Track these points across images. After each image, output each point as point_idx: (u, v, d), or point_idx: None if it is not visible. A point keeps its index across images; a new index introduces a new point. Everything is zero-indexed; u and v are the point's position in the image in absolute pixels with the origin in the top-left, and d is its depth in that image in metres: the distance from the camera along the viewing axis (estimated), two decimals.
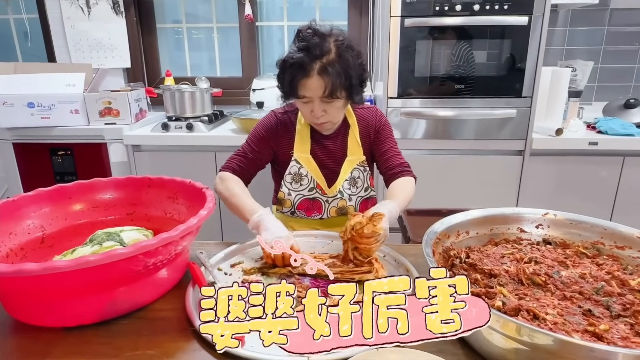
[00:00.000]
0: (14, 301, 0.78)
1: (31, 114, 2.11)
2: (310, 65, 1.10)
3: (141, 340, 0.75)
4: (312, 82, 1.12)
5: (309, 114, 1.19)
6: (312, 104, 1.16)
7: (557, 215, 0.99)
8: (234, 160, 1.27)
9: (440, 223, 0.92)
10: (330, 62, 1.11)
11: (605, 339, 0.63)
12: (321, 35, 1.12)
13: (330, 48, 1.12)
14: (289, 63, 1.13)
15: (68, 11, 2.55)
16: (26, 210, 0.97)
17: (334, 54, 1.12)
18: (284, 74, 1.16)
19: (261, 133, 1.29)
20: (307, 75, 1.11)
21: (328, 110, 1.17)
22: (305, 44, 1.11)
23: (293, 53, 1.13)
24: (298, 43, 1.14)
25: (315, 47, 1.10)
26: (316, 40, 1.11)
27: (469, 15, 1.89)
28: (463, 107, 2.00)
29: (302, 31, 1.15)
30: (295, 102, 1.22)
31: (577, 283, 0.78)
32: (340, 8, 2.66)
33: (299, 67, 1.11)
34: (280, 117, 1.31)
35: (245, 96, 2.63)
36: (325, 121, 1.21)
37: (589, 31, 2.51)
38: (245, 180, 1.26)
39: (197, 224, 0.82)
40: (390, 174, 1.27)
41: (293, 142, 1.29)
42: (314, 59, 1.10)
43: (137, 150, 2.17)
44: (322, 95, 1.13)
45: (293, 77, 1.13)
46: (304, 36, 1.13)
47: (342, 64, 1.11)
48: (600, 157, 2.04)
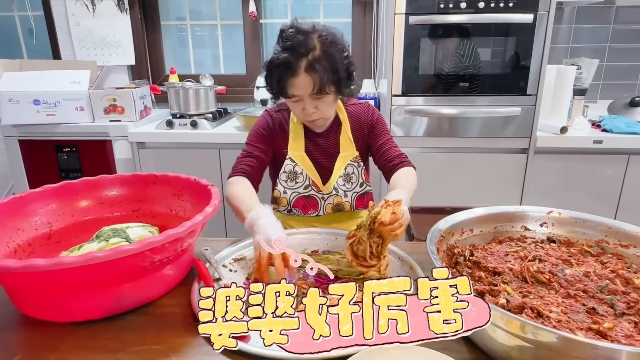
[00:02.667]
0: (22, 296, 0.79)
1: (37, 111, 2.13)
2: (297, 64, 1.10)
3: (148, 335, 0.76)
4: (300, 81, 1.12)
5: (300, 112, 1.20)
6: (303, 102, 1.16)
7: (561, 213, 0.99)
8: (242, 162, 1.26)
9: (445, 221, 0.92)
10: (316, 59, 1.11)
11: (609, 337, 0.63)
12: (304, 32, 1.12)
13: (315, 44, 1.11)
14: (275, 64, 1.13)
15: (73, 8, 2.56)
16: (33, 206, 0.98)
17: (319, 50, 1.11)
18: (271, 74, 1.16)
19: (260, 132, 1.30)
20: (295, 74, 1.11)
21: (319, 106, 1.18)
22: (289, 43, 1.11)
23: (278, 53, 1.13)
24: (282, 43, 1.13)
25: (299, 45, 1.10)
26: (300, 38, 1.11)
27: (473, 13, 1.88)
28: (467, 105, 1.99)
29: (285, 31, 1.14)
30: (286, 102, 1.22)
31: (581, 281, 0.78)
32: (344, 5, 2.66)
33: (286, 66, 1.11)
34: (275, 116, 1.32)
35: (249, 93, 2.64)
36: (317, 118, 1.21)
37: (595, 29, 2.50)
38: (257, 179, 1.26)
39: (203, 220, 0.83)
40: (390, 166, 1.27)
41: (287, 141, 1.30)
42: (299, 57, 1.10)
43: (142, 147, 2.18)
44: (312, 93, 1.13)
45: (280, 77, 1.13)
46: (287, 35, 1.13)
47: (328, 59, 1.12)
48: (605, 156, 2.03)
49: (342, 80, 1.16)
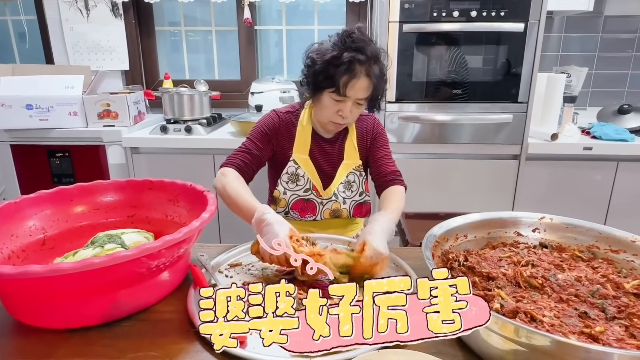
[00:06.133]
0: (17, 302, 0.79)
1: (29, 115, 2.11)
2: (362, 66, 1.14)
3: (144, 342, 0.76)
4: (361, 83, 1.15)
5: (333, 113, 1.21)
6: (344, 104, 1.18)
7: (553, 219, 1.00)
8: (238, 157, 1.26)
9: (440, 226, 0.93)
10: (376, 65, 1.16)
11: (601, 341, 0.64)
12: (369, 40, 1.17)
13: (378, 53, 1.17)
14: (337, 60, 1.14)
15: (67, 13, 2.55)
16: (28, 212, 0.97)
17: (378, 57, 1.17)
18: (328, 68, 1.15)
19: (264, 131, 1.30)
20: (356, 76, 1.14)
21: (353, 112, 1.21)
22: (357, 45, 1.14)
23: (339, 50, 1.14)
24: (349, 42, 1.15)
25: (367, 49, 1.14)
26: (368, 43, 1.15)
27: (465, 22, 1.91)
28: (460, 111, 2.02)
29: (352, 32, 1.16)
30: (321, 99, 1.21)
31: (573, 286, 0.79)
32: (338, 12, 2.68)
33: (350, 65, 1.13)
34: (282, 117, 1.32)
35: (244, 99, 2.64)
36: (345, 122, 1.23)
37: (584, 37, 2.55)
38: (248, 177, 1.26)
39: (199, 226, 0.83)
40: (382, 181, 1.30)
41: (293, 143, 1.31)
42: (365, 61, 1.14)
43: (136, 153, 2.17)
44: (362, 97, 1.18)
45: (339, 74, 1.14)
46: (356, 38, 1.15)
47: (382, 69, 1.18)
48: (595, 162, 2.07)
49: (383, 94, 1.24)
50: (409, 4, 1.89)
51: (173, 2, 2.67)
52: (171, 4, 2.70)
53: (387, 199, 1.23)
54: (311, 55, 1.20)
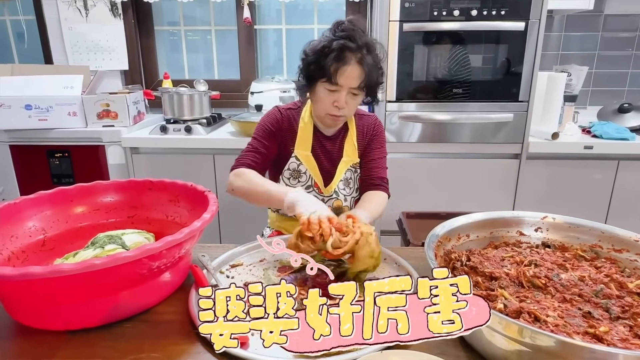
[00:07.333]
0: (17, 304, 0.78)
1: (28, 116, 2.10)
2: (352, 53, 1.14)
3: (145, 343, 0.75)
4: (352, 71, 1.15)
5: (329, 104, 1.20)
6: (339, 94, 1.18)
7: (555, 218, 1.00)
8: (248, 157, 1.26)
9: (442, 226, 0.92)
10: (368, 54, 1.16)
11: (605, 341, 0.64)
12: (360, 30, 1.17)
13: (369, 42, 1.16)
14: (327, 48, 1.14)
15: (66, 13, 2.54)
16: (27, 212, 0.96)
17: (371, 47, 1.17)
18: (319, 59, 1.16)
19: (268, 128, 1.30)
20: (347, 62, 1.14)
21: (349, 103, 1.20)
22: (347, 33, 1.14)
23: (330, 40, 1.15)
24: (338, 32, 1.16)
25: (357, 37, 1.14)
26: (359, 32, 1.15)
27: (466, 21, 1.91)
28: (460, 110, 2.01)
29: (342, 23, 1.17)
30: (316, 91, 1.22)
31: (577, 286, 0.79)
32: (338, 11, 2.68)
33: (340, 52, 1.13)
34: (285, 113, 1.32)
35: (244, 99, 2.64)
36: (342, 114, 1.22)
37: (584, 36, 2.54)
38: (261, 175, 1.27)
39: (200, 227, 0.82)
40: (369, 183, 1.32)
41: (295, 139, 1.31)
42: (355, 48, 1.14)
43: (135, 153, 2.17)
44: (355, 86, 1.16)
45: (330, 62, 1.14)
46: (345, 27, 1.16)
47: (375, 59, 1.17)
48: (595, 161, 2.06)
49: (379, 84, 1.22)
50: (409, 3, 1.88)
51: (172, 2, 2.66)
52: (170, 3, 2.69)
53: (367, 200, 1.27)
54: (305, 49, 1.22)
